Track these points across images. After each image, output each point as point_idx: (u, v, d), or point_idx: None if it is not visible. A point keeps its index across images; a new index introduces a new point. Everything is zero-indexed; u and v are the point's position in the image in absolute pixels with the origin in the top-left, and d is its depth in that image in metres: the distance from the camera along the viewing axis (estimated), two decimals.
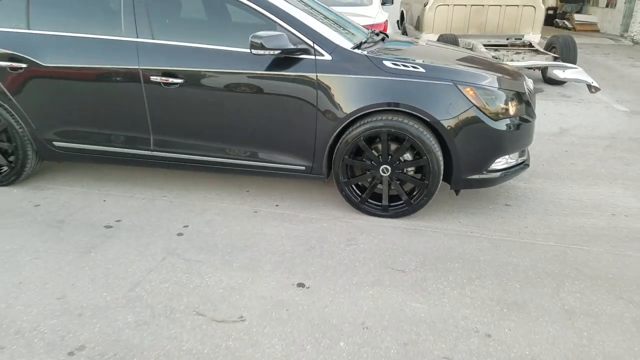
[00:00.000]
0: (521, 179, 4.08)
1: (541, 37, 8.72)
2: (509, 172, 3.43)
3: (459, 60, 3.64)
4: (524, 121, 3.37)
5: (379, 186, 3.41)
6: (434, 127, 3.18)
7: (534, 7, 8.39)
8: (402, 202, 3.39)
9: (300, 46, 3.20)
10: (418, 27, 9.06)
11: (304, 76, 3.20)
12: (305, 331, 2.30)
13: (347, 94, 3.19)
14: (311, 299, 2.54)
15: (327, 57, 3.21)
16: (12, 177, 3.75)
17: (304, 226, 3.31)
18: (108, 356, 2.11)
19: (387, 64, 3.20)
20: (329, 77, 3.19)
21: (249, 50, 3.16)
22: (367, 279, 2.72)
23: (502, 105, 3.24)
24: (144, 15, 3.33)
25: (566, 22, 15.41)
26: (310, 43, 3.22)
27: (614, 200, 3.79)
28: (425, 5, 8.51)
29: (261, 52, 3.07)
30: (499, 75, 3.37)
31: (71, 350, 2.14)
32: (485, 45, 7.44)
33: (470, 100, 3.14)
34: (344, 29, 3.72)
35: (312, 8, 3.72)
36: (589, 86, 6.33)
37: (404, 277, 2.73)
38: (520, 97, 3.37)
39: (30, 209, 3.44)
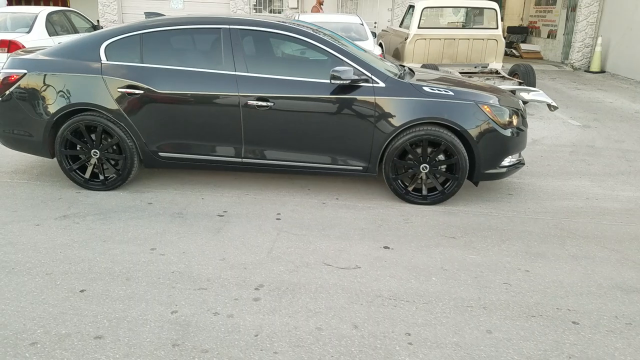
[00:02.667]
0: (514, 177, 5.27)
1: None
2: (511, 168, 4.59)
3: (467, 85, 4.80)
4: (520, 130, 4.56)
5: (418, 181, 4.49)
6: (461, 135, 4.30)
7: (496, 40, 9.87)
8: (437, 192, 4.48)
9: (362, 77, 4.27)
10: (397, 57, 10.34)
11: (365, 99, 4.27)
12: (405, 272, 3.32)
13: (397, 112, 4.27)
14: (398, 255, 3.56)
15: (382, 84, 4.30)
16: (118, 182, 4.58)
17: (365, 212, 4.33)
18: (282, 289, 3.06)
19: (426, 89, 4.33)
20: (384, 99, 4.28)
21: (320, 80, 4.27)
22: (430, 242, 3.78)
23: (508, 118, 4.41)
24: (240, 54, 4.32)
25: (514, 51, 17.29)
26: (369, 74, 4.31)
27: (585, 189, 5.04)
28: (405, 39, 9.82)
29: (338, 81, 4.15)
30: (501, 96, 4.56)
31: (256, 286, 3.07)
32: (460, 73, 8.77)
33: (487, 115, 4.30)
34: (381, 62, 4.83)
35: (357, 48, 4.81)
36: (549, 105, 7.68)
37: (456, 241, 3.81)
38: (518, 112, 4.57)
39: (146, 205, 4.30)
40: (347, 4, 15.08)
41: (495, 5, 9.91)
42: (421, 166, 4.39)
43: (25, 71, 4.44)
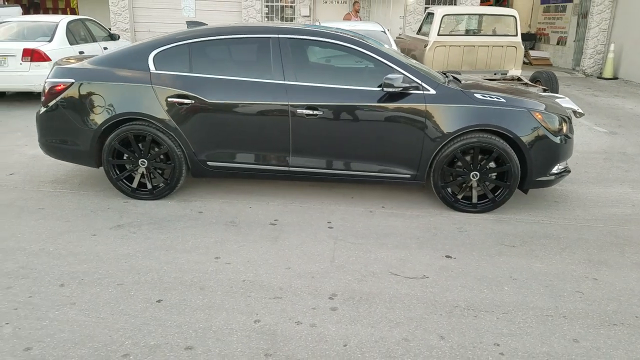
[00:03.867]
0: (556, 184, 5.24)
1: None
2: (559, 176, 4.57)
3: (515, 92, 4.80)
4: (568, 137, 4.55)
5: (467, 189, 4.47)
6: (513, 142, 4.29)
7: (516, 47, 9.90)
8: (487, 200, 4.46)
9: (413, 84, 4.26)
10: None
11: (415, 107, 4.26)
12: (475, 282, 3.29)
13: (448, 119, 4.26)
14: (463, 264, 3.54)
15: (433, 91, 4.29)
16: (166, 191, 4.56)
17: (416, 220, 4.31)
18: (357, 299, 3.03)
19: (478, 96, 4.32)
20: (435, 106, 4.26)
21: (369, 88, 4.27)
22: (491, 251, 3.75)
23: (558, 125, 4.41)
24: (289, 63, 4.31)
25: (523, 57, 17.34)
26: (420, 82, 4.30)
27: (629, 196, 5.03)
28: (425, 46, 9.84)
29: (391, 89, 4.14)
30: (548, 103, 4.57)
31: (329, 295, 3.05)
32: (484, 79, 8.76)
33: (539, 122, 4.29)
34: (429, 70, 4.83)
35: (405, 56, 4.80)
36: (575, 112, 7.67)
37: (516, 250, 3.79)
38: (566, 119, 4.56)
39: (198, 215, 4.27)
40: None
41: (514, 13, 9.96)
42: (471, 174, 4.38)
43: (72, 80, 4.41)
